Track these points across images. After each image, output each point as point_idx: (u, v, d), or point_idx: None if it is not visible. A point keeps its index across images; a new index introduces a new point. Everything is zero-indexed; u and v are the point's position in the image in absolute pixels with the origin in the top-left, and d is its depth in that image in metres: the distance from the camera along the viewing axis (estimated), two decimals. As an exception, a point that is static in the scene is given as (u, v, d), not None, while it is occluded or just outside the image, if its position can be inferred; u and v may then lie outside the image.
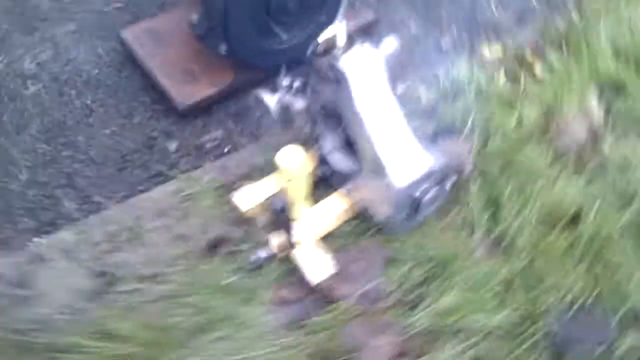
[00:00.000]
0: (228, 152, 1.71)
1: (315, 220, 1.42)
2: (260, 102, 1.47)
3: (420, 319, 1.34)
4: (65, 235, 1.50)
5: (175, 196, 1.57)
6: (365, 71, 1.31)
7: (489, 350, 1.30)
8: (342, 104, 1.33)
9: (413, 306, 1.37)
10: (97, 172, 1.65)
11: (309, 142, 1.58)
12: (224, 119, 1.79)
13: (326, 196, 1.50)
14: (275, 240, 1.37)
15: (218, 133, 1.76)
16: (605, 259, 1.42)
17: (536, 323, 1.34)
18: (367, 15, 2.02)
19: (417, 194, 1.33)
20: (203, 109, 1.78)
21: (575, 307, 1.36)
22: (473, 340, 1.31)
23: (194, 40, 1.85)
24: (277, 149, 1.62)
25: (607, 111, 1.80)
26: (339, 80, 1.30)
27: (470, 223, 1.51)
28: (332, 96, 1.36)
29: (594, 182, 1.60)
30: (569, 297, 1.37)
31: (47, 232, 1.52)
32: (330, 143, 1.46)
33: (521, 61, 1.97)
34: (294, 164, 1.30)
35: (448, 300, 1.35)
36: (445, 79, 1.87)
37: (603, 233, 1.46)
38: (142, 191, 1.60)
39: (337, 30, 1.31)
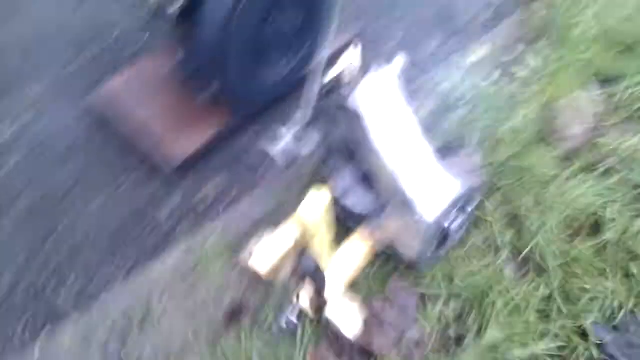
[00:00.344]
0: (227, 206, 1.60)
1: (341, 269, 1.33)
2: (266, 155, 1.36)
3: (467, 358, 1.26)
4: (68, 335, 1.37)
5: (180, 267, 1.45)
6: (381, 100, 1.22)
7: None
8: (358, 142, 1.25)
9: (456, 345, 1.29)
10: (89, 257, 1.53)
11: (314, 184, 1.49)
12: (215, 172, 1.69)
13: (343, 239, 1.41)
14: (305, 299, 1.27)
15: (212, 188, 1.65)
16: (636, 261, 1.37)
17: (584, 339, 1.28)
18: (350, 33, 1.94)
19: (446, 224, 1.25)
20: (191, 165, 1.67)
21: (620, 314, 1.30)
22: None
23: (172, 90, 1.74)
24: (279, 196, 1.55)
25: (605, 98, 1.77)
26: (352, 118, 1.21)
27: (494, 244, 1.44)
28: (343, 135, 1.27)
29: (606, 179, 1.56)
30: (611, 306, 1.31)
31: (47, 334, 1.38)
32: (342, 183, 1.37)
33: (510, 57, 1.93)
34: (318, 216, 1.20)
35: (491, 333, 1.28)
36: (441, 88, 1.81)
37: (628, 234, 1.41)
38: (142, 269, 1.47)
39: (350, 61, 1.21)
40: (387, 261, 1.40)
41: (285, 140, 1.38)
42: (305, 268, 1.13)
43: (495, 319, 1.30)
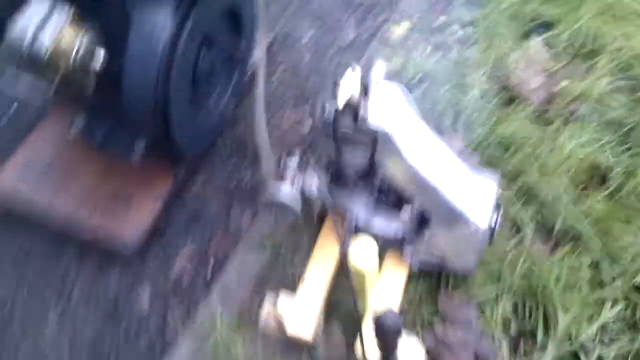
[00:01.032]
0: (215, 271, 1.49)
1: (388, 301, 1.31)
2: (277, 201, 1.28)
3: (547, 351, 1.30)
4: None
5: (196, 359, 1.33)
6: (397, 114, 1.19)
7: (622, 344, 1.31)
8: (387, 162, 1.21)
9: (532, 342, 1.33)
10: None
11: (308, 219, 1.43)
12: (182, 236, 1.55)
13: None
14: (371, 351, 1.23)
15: (186, 255, 1.52)
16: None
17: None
18: (265, 37, 1.86)
19: (492, 224, 1.26)
20: (154, 234, 1.52)
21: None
22: (604, 345, 1.31)
23: (93, 154, 1.56)
24: (272, 241, 1.47)
25: (545, 44, 1.87)
26: (379, 139, 1.17)
27: (513, 224, 1.49)
28: (363, 158, 1.23)
29: (588, 125, 1.66)
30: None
31: None
32: (359, 210, 1.33)
33: (437, 27, 1.97)
34: (371, 262, 1.16)
35: (559, 319, 1.33)
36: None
37: (637, 178, 1.52)
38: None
39: (354, 85, 1.16)
40: (425, 279, 1.39)
41: (289, 179, 1.31)
42: (391, 324, 1.09)
43: (555, 302, 1.35)
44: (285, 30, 1.96)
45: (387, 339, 1.14)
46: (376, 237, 1.32)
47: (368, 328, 1.23)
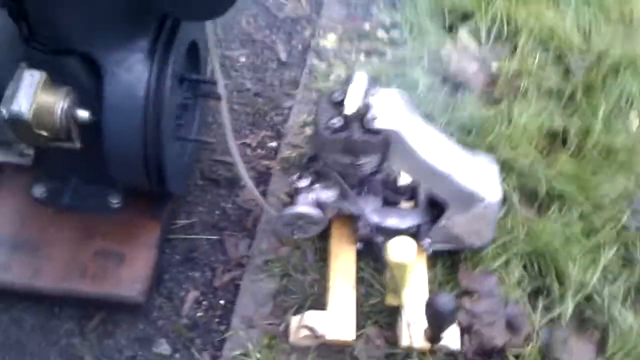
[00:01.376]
0: (228, 299, 1.51)
1: (418, 288, 1.41)
2: (304, 217, 1.34)
3: (566, 301, 1.45)
4: None
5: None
6: (401, 115, 1.31)
7: (624, 280, 1.50)
8: (399, 161, 1.32)
9: (547, 296, 1.47)
10: None
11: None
12: (183, 276, 1.55)
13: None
14: (417, 338, 1.32)
15: (195, 292, 1.53)
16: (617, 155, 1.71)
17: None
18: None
19: (501, 197, 1.41)
20: (155, 281, 1.52)
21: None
22: (610, 283, 1.49)
23: (62, 218, 1.53)
24: (277, 256, 1.52)
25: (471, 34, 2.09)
26: (389, 140, 1.28)
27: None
28: (374, 161, 1.33)
29: (532, 96, 1.87)
30: (630, 196, 1.63)
31: None
32: (375, 211, 1.43)
33: (363, 35, 2.12)
34: (411, 253, 1.26)
35: (568, 273, 1.49)
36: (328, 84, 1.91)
37: (591, 136, 1.74)
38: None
39: (356, 96, 1.27)
40: (441, 260, 1.51)
41: (304, 194, 1.38)
42: (448, 305, 1.19)
43: (561, 259, 1.51)
44: (220, 53, 2.01)
45: (442, 320, 1.24)
46: (392, 233, 1.43)
47: (413, 315, 1.33)
